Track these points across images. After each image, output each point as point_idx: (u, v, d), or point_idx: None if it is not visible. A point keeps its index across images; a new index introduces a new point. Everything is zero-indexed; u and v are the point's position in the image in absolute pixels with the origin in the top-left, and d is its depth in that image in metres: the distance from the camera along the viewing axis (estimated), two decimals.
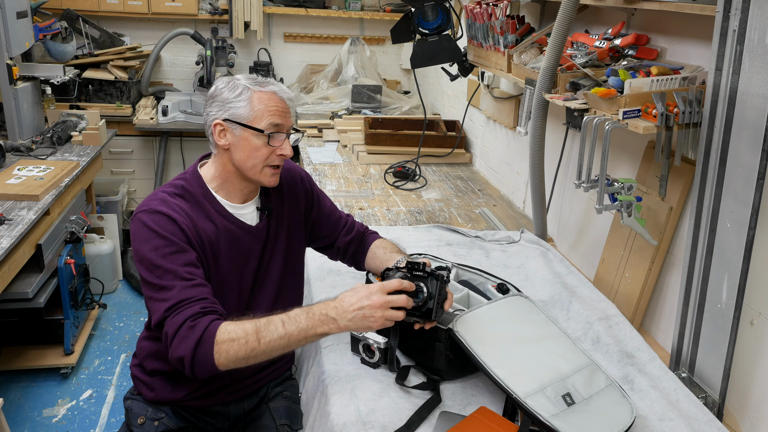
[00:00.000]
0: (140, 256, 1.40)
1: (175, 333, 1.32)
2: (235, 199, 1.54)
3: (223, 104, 1.47)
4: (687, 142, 1.62)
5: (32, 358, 2.91)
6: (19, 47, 3.12)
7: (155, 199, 1.45)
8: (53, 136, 3.30)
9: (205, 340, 1.30)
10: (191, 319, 1.32)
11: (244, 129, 1.46)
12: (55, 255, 2.80)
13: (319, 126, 3.94)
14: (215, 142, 1.49)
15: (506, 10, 2.44)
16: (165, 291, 1.36)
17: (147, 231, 1.40)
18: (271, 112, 1.47)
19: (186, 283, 1.36)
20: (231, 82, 1.48)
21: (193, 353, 1.30)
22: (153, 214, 1.41)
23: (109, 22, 4.42)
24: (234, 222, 1.52)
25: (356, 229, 1.79)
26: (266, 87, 1.49)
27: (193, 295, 1.35)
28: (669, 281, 1.87)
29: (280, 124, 1.48)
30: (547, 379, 1.31)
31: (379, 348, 1.48)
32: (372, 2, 4.81)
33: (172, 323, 1.33)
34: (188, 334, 1.31)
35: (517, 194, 2.91)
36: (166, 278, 1.36)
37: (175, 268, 1.37)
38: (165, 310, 1.34)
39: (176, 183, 1.51)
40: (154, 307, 1.38)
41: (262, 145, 1.47)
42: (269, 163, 1.49)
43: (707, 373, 1.57)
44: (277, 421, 1.59)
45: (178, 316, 1.33)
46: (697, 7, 1.53)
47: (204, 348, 1.30)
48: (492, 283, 1.71)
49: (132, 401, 1.61)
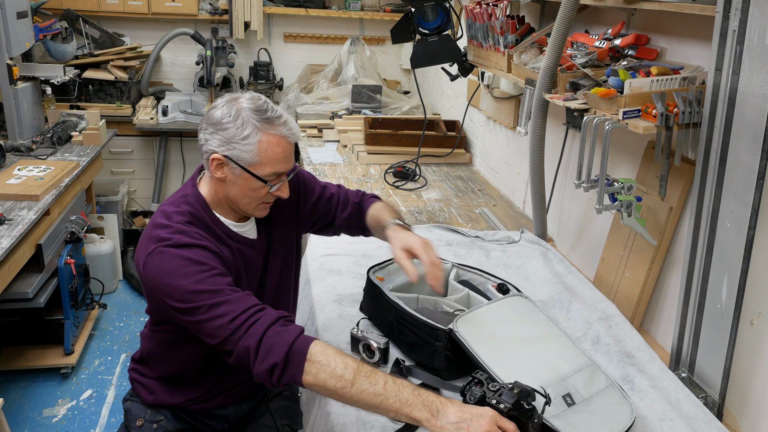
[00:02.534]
0: (171, 290, 1.27)
1: (259, 343, 1.21)
2: (232, 218, 1.48)
3: (228, 141, 1.35)
4: (687, 142, 1.62)
5: (32, 358, 2.92)
6: (20, 47, 3.12)
7: (173, 230, 1.34)
8: (53, 136, 3.30)
9: (296, 350, 1.19)
10: (276, 325, 1.23)
11: (244, 171, 1.37)
12: (55, 255, 2.80)
13: (319, 126, 3.94)
14: (210, 171, 1.40)
15: (506, 10, 2.44)
16: (216, 308, 1.25)
17: (177, 261, 1.29)
18: (277, 160, 1.37)
19: (236, 294, 1.27)
20: (238, 117, 1.34)
21: (286, 357, 1.19)
22: (179, 249, 1.31)
23: (109, 22, 4.42)
24: (241, 241, 1.48)
25: (351, 202, 1.69)
26: (276, 129, 1.36)
27: (252, 303, 1.26)
28: (669, 281, 1.87)
29: (282, 172, 1.40)
30: (547, 379, 1.31)
31: (379, 348, 1.48)
32: (372, 2, 4.81)
33: (250, 335, 1.22)
34: (278, 340, 1.20)
35: (517, 194, 2.91)
36: (213, 297, 1.26)
37: (219, 286, 1.28)
38: (229, 321, 1.23)
39: (183, 210, 1.41)
40: (213, 327, 1.25)
41: (260, 188, 1.39)
42: (264, 200, 1.43)
43: (707, 373, 1.57)
44: (278, 421, 1.60)
45: (255, 326, 1.22)
46: (697, 7, 1.53)
47: (295, 359, 1.19)
48: (492, 283, 1.71)
49: (131, 403, 1.61)
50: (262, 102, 1.38)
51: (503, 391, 1.17)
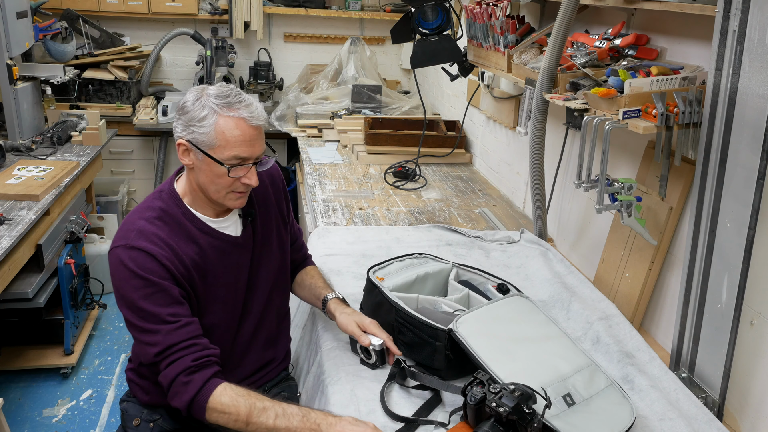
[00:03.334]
0: (121, 295, 1.38)
1: (170, 385, 1.35)
2: (210, 213, 1.48)
3: (188, 124, 1.37)
4: (687, 142, 1.62)
5: (32, 358, 2.92)
6: (19, 47, 3.12)
7: (133, 229, 1.39)
8: (53, 136, 3.30)
9: (197, 401, 1.33)
10: (184, 374, 1.33)
11: (205, 155, 1.37)
12: (55, 255, 2.80)
13: (319, 126, 3.94)
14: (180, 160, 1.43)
15: (506, 10, 2.44)
16: (150, 334, 1.35)
17: (125, 270, 1.35)
18: (235, 142, 1.36)
19: (171, 326, 1.35)
20: (200, 99, 1.37)
21: (188, 409, 1.34)
22: (130, 251, 1.35)
23: (109, 22, 4.43)
24: (218, 237, 1.48)
25: (302, 252, 1.79)
26: (235, 111, 1.35)
27: (180, 339, 1.35)
28: (669, 281, 1.87)
29: (244, 157, 1.38)
30: (547, 379, 1.31)
31: (374, 350, 1.48)
32: (372, 2, 4.81)
33: (165, 375, 1.35)
34: (182, 390, 1.33)
35: (517, 194, 2.91)
36: (149, 321, 1.35)
37: (157, 311, 1.34)
38: (154, 355, 1.35)
39: (154, 205, 1.44)
40: (142, 351, 1.38)
41: (223, 173, 1.38)
42: (233, 189, 1.42)
43: (707, 373, 1.57)
44: None
45: (171, 367, 1.34)
46: (697, 7, 1.53)
47: (196, 407, 1.33)
48: (492, 283, 1.71)
49: (128, 403, 1.61)
50: (228, 89, 1.39)
51: (504, 394, 1.17)
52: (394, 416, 1.33)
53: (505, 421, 1.15)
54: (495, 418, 1.17)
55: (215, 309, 1.48)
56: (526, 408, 1.15)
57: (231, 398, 1.32)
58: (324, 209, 2.65)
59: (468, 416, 1.26)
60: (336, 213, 2.61)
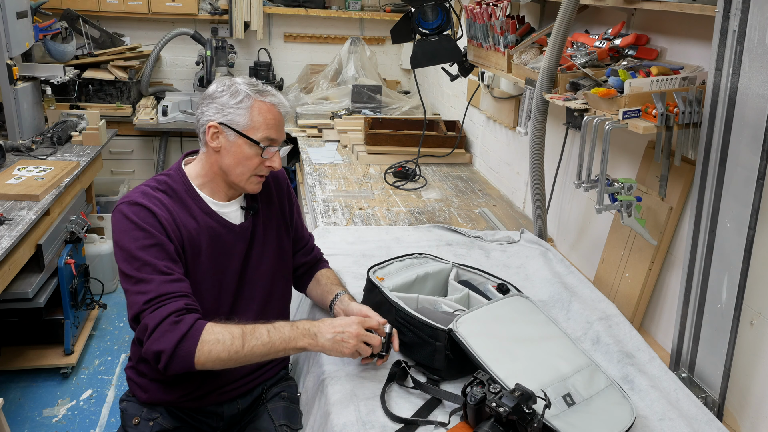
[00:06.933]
0: (119, 247, 1.41)
1: (156, 326, 1.33)
2: (219, 197, 1.55)
3: (222, 108, 1.47)
4: (687, 142, 1.62)
5: (32, 358, 2.92)
6: (19, 47, 3.12)
7: (136, 191, 1.47)
8: (53, 136, 3.30)
9: (189, 336, 1.32)
10: (176, 314, 1.34)
11: (238, 136, 1.47)
12: (55, 255, 2.80)
13: (319, 126, 3.94)
14: (206, 141, 1.50)
15: (506, 10, 2.44)
16: (144, 284, 1.36)
17: (126, 222, 1.41)
18: (269, 125, 1.48)
19: (165, 277, 1.37)
20: (232, 87, 1.48)
21: (175, 348, 1.31)
22: (133, 206, 1.42)
23: (109, 22, 4.43)
24: (217, 219, 1.53)
25: (313, 254, 1.80)
26: (267, 97, 1.49)
27: (173, 290, 1.36)
28: (669, 281, 1.87)
29: (275, 138, 1.50)
30: (547, 379, 1.31)
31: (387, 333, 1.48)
32: (372, 2, 4.81)
33: (153, 316, 1.34)
34: (171, 328, 1.32)
35: (517, 194, 2.91)
36: (144, 271, 1.37)
37: (154, 261, 1.38)
38: (144, 303, 1.35)
39: (159, 178, 1.52)
40: (132, 300, 1.38)
41: (253, 155, 1.48)
42: (257, 172, 1.51)
43: (707, 373, 1.57)
44: (276, 422, 1.59)
45: (160, 309, 1.34)
46: (697, 7, 1.53)
47: (187, 344, 1.32)
48: (492, 283, 1.71)
49: (127, 403, 1.61)
50: (255, 80, 1.53)
51: (504, 394, 1.17)
52: (394, 418, 1.33)
53: (505, 421, 1.15)
54: (495, 418, 1.17)
55: (199, 295, 1.48)
56: (526, 408, 1.15)
57: (221, 327, 1.35)
58: (324, 209, 2.65)
59: (468, 416, 1.26)
60: (336, 213, 2.61)
